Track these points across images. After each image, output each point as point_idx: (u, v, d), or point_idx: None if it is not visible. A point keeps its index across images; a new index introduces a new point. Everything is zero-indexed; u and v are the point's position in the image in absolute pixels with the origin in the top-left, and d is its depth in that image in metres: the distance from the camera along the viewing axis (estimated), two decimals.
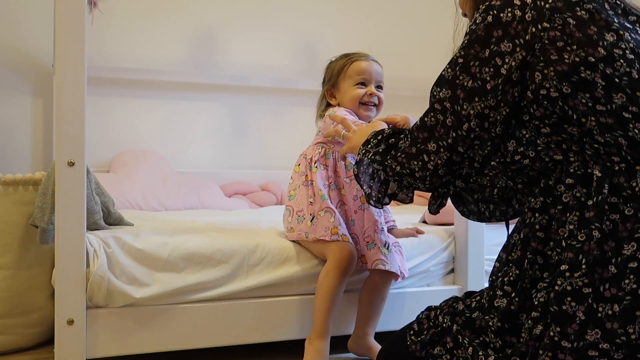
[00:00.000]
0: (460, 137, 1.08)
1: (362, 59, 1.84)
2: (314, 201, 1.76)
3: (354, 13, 3.40)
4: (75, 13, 1.50)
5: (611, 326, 0.92)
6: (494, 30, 1.03)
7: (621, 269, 0.93)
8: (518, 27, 1.01)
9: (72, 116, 1.51)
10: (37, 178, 1.81)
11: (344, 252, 1.67)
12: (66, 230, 1.51)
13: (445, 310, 1.15)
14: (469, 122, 1.07)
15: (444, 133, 1.09)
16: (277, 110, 3.29)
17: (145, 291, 1.61)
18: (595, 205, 0.97)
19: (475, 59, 1.05)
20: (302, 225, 1.75)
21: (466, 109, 1.06)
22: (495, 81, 1.03)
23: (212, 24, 3.19)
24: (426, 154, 1.13)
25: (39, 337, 1.86)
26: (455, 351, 1.09)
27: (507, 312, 1.03)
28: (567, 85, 0.98)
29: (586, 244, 0.95)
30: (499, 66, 1.03)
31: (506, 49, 1.02)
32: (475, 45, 1.05)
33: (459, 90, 1.07)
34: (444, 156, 1.11)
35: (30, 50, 2.84)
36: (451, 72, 1.09)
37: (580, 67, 0.97)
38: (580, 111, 0.98)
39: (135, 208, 2.60)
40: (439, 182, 1.16)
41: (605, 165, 0.99)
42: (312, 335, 1.65)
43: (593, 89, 0.97)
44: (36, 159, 2.86)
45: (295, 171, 1.84)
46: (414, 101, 2.80)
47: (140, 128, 3.06)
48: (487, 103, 1.05)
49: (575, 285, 0.94)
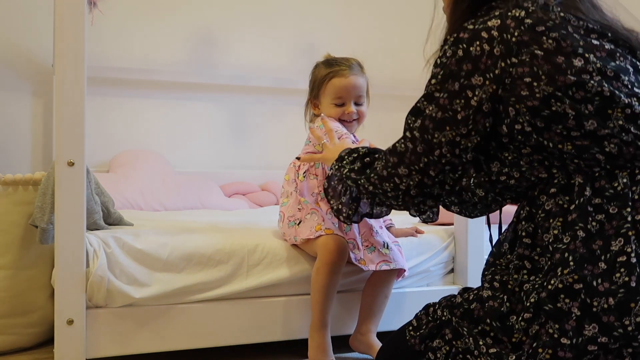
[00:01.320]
0: (432, 162, 1.10)
1: (340, 75, 1.79)
2: (302, 207, 1.77)
3: (354, 13, 3.40)
4: (75, 13, 1.50)
5: (608, 319, 0.93)
6: (464, 64, 1.04)
7: (611, 264, 0.95)
8: (487, 61, 1.02)
9: (72, 116, 1.51)
10: (37, 178, 1.81)
11: (329, 245, 1.66)
12: (66, 230, 1.51)
13: (443, 304, 1.17)
14: (440, 149, 1.09)
15: (414, 159, 1.12)
16: (277, 110, 3.29)
17: (145, 291, 1.61)
18: (578, 207, 0.99)
19: (445, 91, 1.07)
20: (292, 229, 1.76)
21: (437, 137, 1.08)
22: (465, 112, 1.05)
23: (212, 24, 3.19)
24: (397, 177, 1.16)
25: (39, 337, 1.86)
26: (454, 342, 1.11)
27: (495, 310, 1.05)
28: (540, 120, 1.00)
29: (572, 243, 0.98)
30: (470, 98, 1.04)
31: (477, 82, 1.03)
32: (449, 80, 1.06)
33: (428, 121, 1.09)
34: (415, 178, 1.13)
35: (30, 50, 2.84)
36: (426, 105, 1.11)
37: (550, 99, 0.99)
38: (555, 141, 1.01)
39: (135, 208, 2.60)
40: (412, 201, 1.19)
41: (586, 174, 1.01)
42: (311, 330, 1.67)
43: (565, 120, 0.99)
44: (36, 158, 2.86)
45: (286, 180, 1.86)
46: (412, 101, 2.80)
47: (140, 128, 3.06)
48: (458, 131, 1.06)
49: (566, 282, 0.96)
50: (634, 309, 0.93)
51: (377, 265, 1.73)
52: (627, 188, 0.98)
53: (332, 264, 1.65)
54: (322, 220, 1.71)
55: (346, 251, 1.69)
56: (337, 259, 1.66)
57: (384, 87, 1.86)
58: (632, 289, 0.93)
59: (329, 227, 1.70)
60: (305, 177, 1.79)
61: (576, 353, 0.95)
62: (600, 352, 0.95)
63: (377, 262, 1.73)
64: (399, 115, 1.83)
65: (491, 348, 1.04)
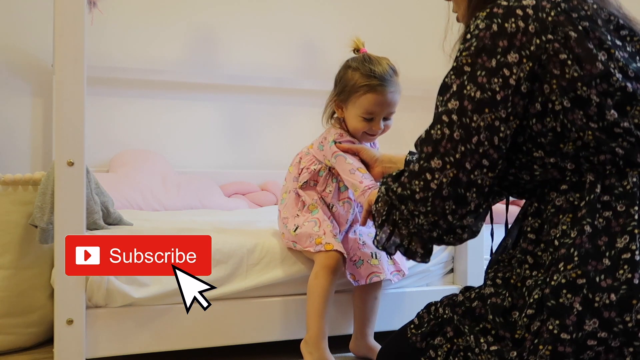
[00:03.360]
0: (469, 150, 1.02)
1: (377, 92, 1.66)
2: (301, 214, 1.75)
3: (354, 12, 3.40)
4: (75, 13, 1.50)
5: (609, 315, 0.94)
6: (500, 41, 1.01)
7: (615, 261, 0.96)
8: (523, 38, 1.00)
9: (71, 116, 1.51)
10: (37, 178, 1.81)
11: (330, 257, 1.65)
12: (66, 230, 1.50)
13: (445, 303, 1.17)
14: (478, 135, 1.02)
15: (450, 148, 1.03)
16: (277, 110, 3.29)
17: (144, 291, 1.61)
18: (588, 203, 1.00)
19: (482, 68, 1.02)
20: (289, 234, 1.75)
21: (476, 121, 1.02)
22: (504, 92, 1.01)
23: (211, 23, 3.19)
24: (429, 172, 1.05)
25: (39, 337, 1.86)
26: (455, 340, 1.12)
27: (498, 306, 1.05)
28: (567, 100, 1.00)
29: (578, 238, 0.98)
30: (507, 77, 1.01)
31: (513, 60, 1.01)
32: (482, 55, 1.02)
33: (467, 102, 1.02)
34: (449, 173, 1.03)
35: (30, 50, 2.84)
36: (457, 81, 1.04)
37: (577, 83, 0.99)
38: (578, 126, 1.00)
39: (135, 208, 2.60)
40: (442, 206, 1.05)
41: (598, 172, 1.02)
42: (309, 340, 1.63)
43: (587, 107, 0.99)
44: (36, 158, 2.86)
45: (289, 171, 1.83)
46: (413, 101, 2.80)
47: (140, 128, 3.06)
48: (498, 114, 1.01)
49: (569, 277, 0.96)
50: (635, 305, 0.93)
51: (366, 279, 1.71)
52: (636, 187, 1.00)
53: (331, 269, 1.65)
54: (324, 234, 1.68)
55: (342, 262, 1.68)
56: (336, 266, 1.66)
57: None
58: (635, 286, 0.94)
59: (329, 241, 1.67)
60: (305, 186, 1.77)
61: (576, 348, 0.95)
62: (600, 348, 0.95)
63: (367, 275, 1.71)
64: (398, 115, 1.83)
65: (492, 346, 1.04)
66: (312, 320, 1.63)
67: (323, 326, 1.63)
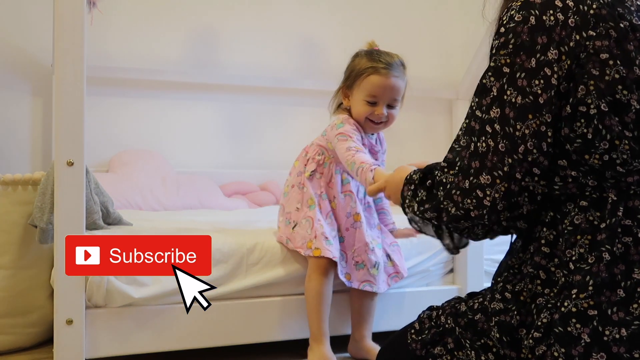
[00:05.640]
0: (517, 161, 0.95)
1: (381, 73, 1.71)
2: (301, 208, 1.76)
3: (354, 12, 3.39)
4: (75, 13, 1.50)
5: (617, 350, 0.90)
6: (539, 36, 0.94)
7: (630, 293, 0.91)
8: (562, 32, 0.93)
9: (71, 116, 1.51)
10: (37, 178, 1.81)
11: (318, 268, 1.68)
12: (65, 230, 1.50)
13: (447, 311, 1.13)
14: (524, 144, 0.94)
15: (497, 161, 0.96)
16: (276, 110, 3.29)
17: (144, 291, 1.61)
18: (608, 227, 0.94)
19: (522, 69, 0.95)
20: (287, 230, 1.76)
21: (520, 129, 0.94)
22: (547, 94, 0.93)
23: (211, 23, 3.19)
24: (480, 189, 0.97)
25: (38, 337, 1.86)
26: (456, 352, 1.09)
27: (506, 325, 1.01)
28: (606, 103, 0.92)
29: (595, 265, 0.93)
30: (549, 77, 0.93)
31: (553, 57, 0.93)
32: (521, 53, 0.95)
33: (508, 109, 0.95)
34: (501, 188, 0.96)
35: (30, 49, 2.84)
36: (497, 85, 0.97)
37: (617, 86, 0.92)
38: (615, 132, 0.92)
39: (135, 208, 2.60)
40: (498, 221, 0.99)
41: (621, 190, 0.96)
42: (311, 342, 1.65)
43: (624, 113, 0.92)
44: (35, 158, 2.86)
45: (294, 166, 1.83)
46: (413, 101, 2.80)
47: (140, 128, 3.06)
48: (543, 119, 0.94)
49: (580, 306, 0.92)
50: None
51: (360, 284, 1.72)
52: None
53: (324, 270, 1.67)
54: (314, 237, 1.68)
55: (332, 271, 1.69)
56: (329, 267, 1.68)
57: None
58: None
59: (319, 246, 1.67)
60: (312, 175, 1.78)
61: None
62: None
63: (362, 281, 1.72)
64: (399, 115, 1.83)
65: None
66: (311, 322, 1.66)
67: (322, 327, 1.64)
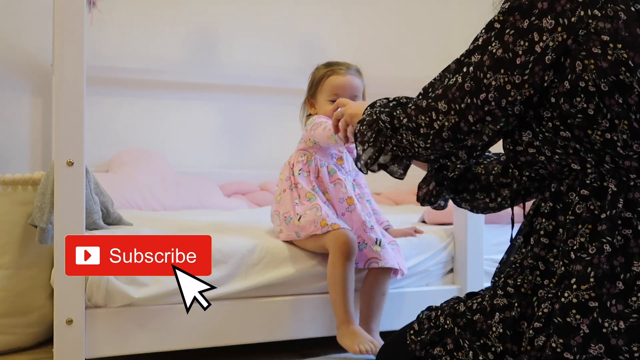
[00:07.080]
0: (474, 105, 1.00)
1: (338, 73, 1.85)
2: (299, 202, 1.78)
3: (354, 12, 3.40)
4: (75, 13, 1.50)
5: (616, 342, 0.90)
6: (539, 2, 0.94)
7: (629, 286, 0.92)
8: (566, 5, 0.93)
9: (71, 116, 1.51)
10: (36, 178, 1.81)
11: (341, 238, 1.68)
12: (65, 230, 1.50)
13: (446, 312, 1.14)
14: (487, 93, 0.99)
15: (458, 97, 1.01)
16: (276, 109, 3.29)
17: (144, 291, 1.61)
18: (609, 218, 0.94)
19: (512, 27, 0.97)
20: (291, 225, 1.77)
21: (488, 78, 0.98)
22: (526, 57, 0.95)
23: (211, 23, 3.19)
24: (435, 112, 1.05)
25: (38, 336, 1.86)
26: (455, 353, 1.09)
27: (509, 319, 1.02)
28: (605, 83, 0.92)
29: (596, 257, 0.93)
30: (535, 42, 0.95)
31: (547, 25, 0.94)
32: (516, 13, 0.96)
33: (487, 57, 0.99)
34: (452, 119, 1.03)
35: (30, 49, 2.84)
36: (484, 36, 1.01)
37: (621, 67, 0.92)
38: (615, 112, 0.93)
39: (134, 208, 2.60)
40: (441, 146, 1.07)
41: (621, 179, 0.96)
42: (340, 326, 1.66)
43: (628, 94, 0.92)
44: (35, 158, 2.86)
45: (280, 178, 1.88)
46: None
47: (140, 128, 3.06)
48: (511, 79, 0.97)
49: (581, 298, 0.92)
50: None
51: (365, 263, 1.74)
52: None
53: (346, 254, 1.67)
54: (327, 216, 1.72)
55: (356, 243, 1.71)
56: (351, 250, 1.68)
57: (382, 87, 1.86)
58: None
59: (335, 222, 1.71)
60: (300, 173, 1.81)
61: None
62: None
63: (366, 259, 1.74)
64: None
65: None
66: (337, 308, 1.67)
67: (349, 310, 1.66)
